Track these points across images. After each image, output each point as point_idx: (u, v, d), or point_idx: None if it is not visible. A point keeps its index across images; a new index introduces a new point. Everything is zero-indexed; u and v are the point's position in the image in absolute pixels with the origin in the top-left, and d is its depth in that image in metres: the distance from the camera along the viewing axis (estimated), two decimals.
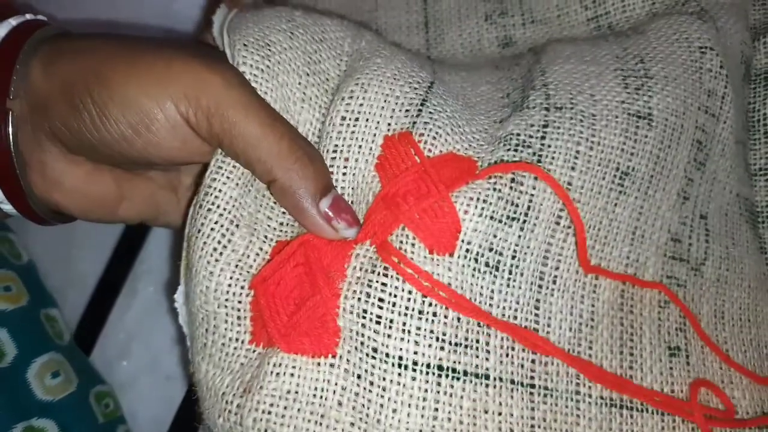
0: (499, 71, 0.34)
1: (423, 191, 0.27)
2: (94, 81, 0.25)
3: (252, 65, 0.27)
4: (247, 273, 0.26)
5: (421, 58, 0.33)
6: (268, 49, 0.28)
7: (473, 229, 0.26)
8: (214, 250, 0.26)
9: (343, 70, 0.30)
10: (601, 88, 0.29)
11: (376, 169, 0.28)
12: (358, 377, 0.25)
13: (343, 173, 0.28)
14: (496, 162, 0.27)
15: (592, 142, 0.28)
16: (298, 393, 0.25)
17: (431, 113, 0.28)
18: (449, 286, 0.26)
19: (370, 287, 0.25)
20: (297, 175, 0.26)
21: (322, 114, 0.29)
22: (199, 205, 0.26)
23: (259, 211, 0.27)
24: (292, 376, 0.25)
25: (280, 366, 0.25)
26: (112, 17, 0.48)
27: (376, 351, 0.25)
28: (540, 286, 0.27)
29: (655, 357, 0.28)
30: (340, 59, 0.30)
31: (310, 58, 0.29)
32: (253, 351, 0.26)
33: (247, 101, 0.25)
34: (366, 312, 0.25)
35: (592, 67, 0.30)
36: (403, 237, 0.26)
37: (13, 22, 0.26)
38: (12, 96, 0.25)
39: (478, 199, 0.26)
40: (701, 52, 0.31)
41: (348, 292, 0.26)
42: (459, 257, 0.26)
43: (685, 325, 0.29)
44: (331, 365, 0.25)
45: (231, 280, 0.26)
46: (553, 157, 0.27)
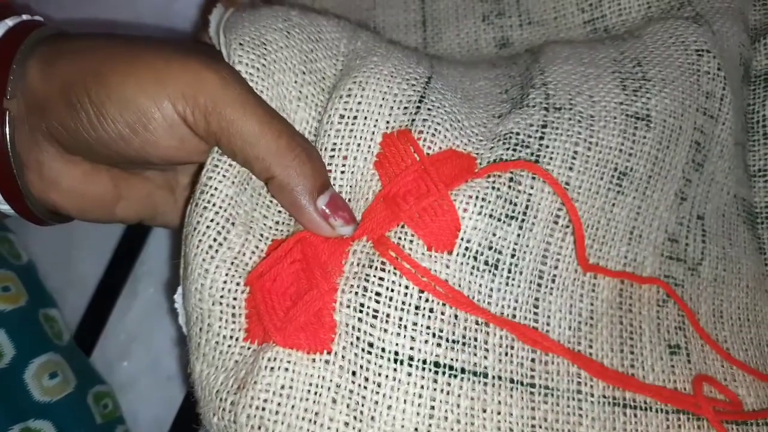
0: (497, 69, 0.34)
1: (423, 190, 0.27)
2: (92, 81, 0.25)
3: (248, 64, 0.27)
4: (242, 271, 0.26)
5: (418, 54, 0.33)
6: (264, 48, 0.28)
7: (472, 228, 0.26)
8: (210, 247, 0.26)
9: (339, 69, 0.30)
10: (599, 90, 0.29)
11: (375, 168, 0.28)
12: (353, 374, 0.25)
13: (342, 171, 0.28)
14: (495, 160, 0.27)
15: (590, 143, 0.28)
16: (292, 389, 0.25)
17: (430, 110, 0.28)
18: (447, 283, 0.26)
19: (367, 281, 0.25)
20: (295, 173, 0.26)
21: (319, 112, 0.29)
22: (195, 203, 0.26)
23: (255, 209, 0.27)
24: (287, 371, 0.25)
25: (275, 360, 0.25)
26: (111, 17, 0.48)
27: (372, 346, 0.25)
28: (539, 285, 0.27)
29: (655, 355, 0.28)
30: (336, 59, 0.30)
31: (306, 57, 0.29)
32: (247, 348, 0.26)
33: (244, 99, 0.25)
34: (363, 306, 0.25)
35: (590, 69, 0.30)
36: (402, 234, 0.26)
37: (9, 22, 0.26)
38: (9, 96, 0.25)
39: (477, 198, 0.26)
40: (698, 54, 0.31)
41: (345, 287, 0.26)
42: (458, 255, 0.26)
43: (684, 323, 0.29)
44: (326, 361, 0.25)
45: (226, 277, 0.26)
46: (551, 158, 0.27)
